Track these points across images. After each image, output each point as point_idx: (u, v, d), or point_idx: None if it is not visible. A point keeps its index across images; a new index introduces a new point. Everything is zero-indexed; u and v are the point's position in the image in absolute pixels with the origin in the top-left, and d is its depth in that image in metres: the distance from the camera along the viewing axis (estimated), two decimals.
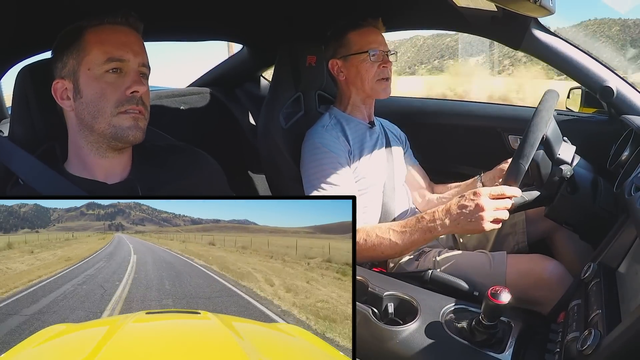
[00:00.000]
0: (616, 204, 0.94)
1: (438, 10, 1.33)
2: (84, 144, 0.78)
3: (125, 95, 0.74)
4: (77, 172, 0.78)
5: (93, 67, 0.73)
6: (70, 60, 0.75)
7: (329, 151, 1.11)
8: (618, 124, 1.21)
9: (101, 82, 0.73)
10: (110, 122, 0.74)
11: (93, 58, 0.73)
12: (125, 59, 0.74)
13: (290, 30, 1.48)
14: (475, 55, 17.88)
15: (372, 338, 0.71)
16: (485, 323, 0.67)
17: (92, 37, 0.74)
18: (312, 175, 1.11)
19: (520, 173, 0.93)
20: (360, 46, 1.17)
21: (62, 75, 0.75)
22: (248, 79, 1.85)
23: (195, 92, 1.67)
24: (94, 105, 0.74)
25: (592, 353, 0.55)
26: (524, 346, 0.70)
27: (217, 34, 1.58)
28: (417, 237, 0.95)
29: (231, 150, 1.47)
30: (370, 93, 1.21)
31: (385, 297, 0.77)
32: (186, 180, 0.86)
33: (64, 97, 0.76)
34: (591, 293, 0.70)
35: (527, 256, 1.05)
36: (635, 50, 18.77)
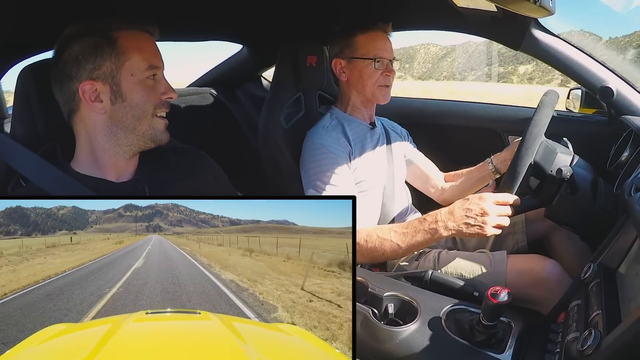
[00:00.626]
0: (616, 205, 0.94)
1: (438, 10, 1.33)
2: (108, 146, 0.79)
3: (161, 99, 0.81)
4: (85, 171, 0.79)
5: (136, 72, 0.77)
6: (106, 63, 0.75)
7: (329, 152, 1.11)
8: (618, 125, 1.21)
9: (144, 87, 0.78)
10: (151, 124, 0.80)
11: (135, 64, 0.76)
12: (159, 67, 0.80)
13: (290, 31, 1.48)
14: (525, 64, 17.75)
15: (372, 338, 0.71)
16: (485, 323, 0.67)
17: (129, 43, 0.76)
18: (311, 175, 1.11)
19: (513, 189, 0.95)
20: (367, 51, 1.17)
21: (94, 77, 0.75)
22: (248, 79, 1.85)
23: (195, 92, 1.67)
24: (139, 108, 0.78)
25: (592, 353, 0.55)
26: (524, 346, 0.70)
27: (217, 34, 1.58)
28: (419, 239, 0.95)
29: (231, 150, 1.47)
30: (370, 98, 1.21)
31: (385, 298, 0.77)
32: (190, 181, 0.88)
33: (94, 99, 0.76)
34: (591, 293, 0.70)
35: (525, 256, 1.05)
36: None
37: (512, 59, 24.70)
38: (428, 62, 39.35)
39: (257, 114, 1.71)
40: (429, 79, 33.14)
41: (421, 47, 41.73)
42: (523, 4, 0.75)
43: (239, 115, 1.74)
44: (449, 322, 0.73)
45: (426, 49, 39.67)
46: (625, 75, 1.21)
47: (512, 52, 14.01)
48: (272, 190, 1.32)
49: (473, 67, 26.44)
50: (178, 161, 0.91)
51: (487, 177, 1.29)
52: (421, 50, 41.32)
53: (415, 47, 42.81)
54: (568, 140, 1.12)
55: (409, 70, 39.62)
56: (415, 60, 42.22)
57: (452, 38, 76.15)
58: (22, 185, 0.78)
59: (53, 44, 0.78)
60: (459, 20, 1.25)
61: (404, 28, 1.56)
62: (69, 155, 0.81)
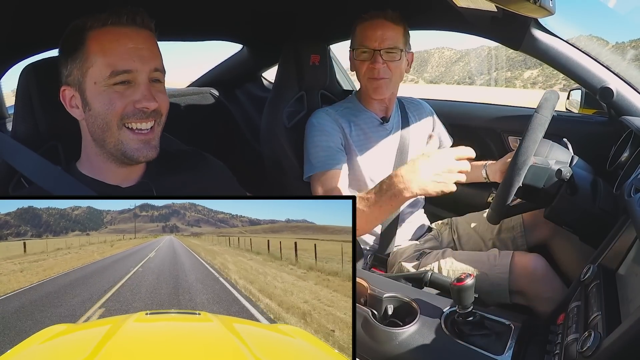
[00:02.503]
0: (616, 205, 0.94)
1: (438, 11, 1.33)
2: (99, 152, 0.75)
3: (134, 107, 0.70)
4: (90, 174, 0.77)
5: (98, 80, 0.68)
6: (74, 70, 0.70)
7: (323, 131, 1.14)
8: (618, 125, 1.21)
9: (109, 94, 0.69)
10: (119, 137, 0.70)
11: (97, 71, 0.68)
12: (132, 70, 0.68)
13: (293, 30, 1.48)
14: (532, 68, 17.73)
15: (372, 339, 0.71)
16: (460, 312, 0.69)
17: (95, 45, 0.68)
18: (306, 154, 1.14)
19: (500, 218, 0.98)
20: (358, 41, 1.16)
21: (68, 83, 0.72)
22: (248, 79, 1.85)
23: (195, 92, 1.67)
24: (102, 118, 0.70)
25: (592, 355, 0.55)
26: (523, 348, 0.70)
27: (217, 34, 1.58)
28: (384, 204, 0.89)
29: (231, 150, 1.47)
30: (365, 90, 1.20)
31: (385, 299, 0.77)
32: (198, 184, 0.85)
33: (73, 105, 0.73)
34: (591, 295, 0.70)
35: (514, 253, 1.06)
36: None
37: (521, 63, 24.61)
38: (441, 66, 39.42)
39: (257, 114, 1.71)
40: (441, 82, 33.29)
41: (436, 51, 41.88)
42: (523, 4, 0.75)
43: (239, 115, 1.74)
44: (448, 323, 0.73)
45: (440, 52, 39.72)
46: (630, 78, 1.21)
47: (522, 57, 13.96)
48: (274, 189, 1.32)
49: (482, 72, 26.28)
50: (185, 163, 0.87)
51: (480, 179, 1.30)
52: (435, 54, 41.48)
53: (430, 50, 43.07)
54: (568, 141, 1.12)
55: (421, 74, 39.54)
56: (429, 63, 42.28)
57: (467, 42, 75.82)
58: (23, 184, 0.78)
59: (53, 44, 0.78)
60: (459, 20, 1.25)
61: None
62: (69, 154, 0.81)
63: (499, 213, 0.99)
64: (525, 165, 0.91)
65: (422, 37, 38.96)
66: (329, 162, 1.11)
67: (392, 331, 0.70)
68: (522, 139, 0.91)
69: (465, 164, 0.88)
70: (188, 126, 1.55)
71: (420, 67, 37.55)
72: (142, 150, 0.72)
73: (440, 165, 0.85)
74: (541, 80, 27.31)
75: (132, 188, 0.79)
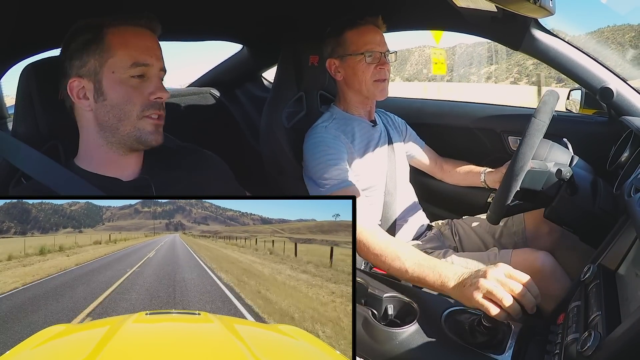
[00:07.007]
0: (616, 205, 0.94)
1: (437, 11, 1.33)
2: (102, 143, 0.77)
3: (149, 100, 0.76)
4: (88, 168, 0.78)
5: (118, 70, 0.73)
6: (91, 60, 0.74)
7: (329, 148, 1.11)
8: (618, 125, 1.21)
9: (126, 86, 0.74)
10: (136, 126, 0.76)
11: (118, 61, 0.73)
12: (149, 64, 0.75)
13: (292, 30, 1.48)
14: (495, 64, 17.80)
15: (372, 339, 0.71)
16: (486, 324, 0.67)
17: (116, 39, 0.73)
18: (314, 174, 1.11)
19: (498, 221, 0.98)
20: (357, 47, 1.16)
21: (80, 74, 0.74)
22: (248, 79, 1.85)
23: (195, 92, 1.67)
24: (120, 108, 0.75)
25: (592, 355, 0.55)
26: (523, 347, 0.70)
27: (217, 34, 1.58)
28: (428, 278, 0.79)
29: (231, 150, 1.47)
30: (367, 94, 1.21)
31: (385, 299, 0.77)
32: (196, 179, 0.87)
33: (81, 96, 0.75)
34: (591, 294, 0.70)
35: (518, 250, 1.07)
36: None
37: (489, 59, 24.19)
38: (420, 64, 39.05)
39: (257, 114, 1.71)
40: (414, 80, 33.12)
41: (416, 50, 41.46)
42: (523, 4, 0.75)
43: (239, 115, 1.74)
44: (448, 323, 0.73)
45: (421, 51, 39.29)
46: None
47: (489, 53, 13.83)
48: (273, 189, 1.32)
49: (452, 69, 26.16)
50: (184, 160, 0.89)
51: (478, 185, 1.31)
52: (416, 52, 41.10)
53: (411, 49, 42.59)
54: (568, 141, 1.12)
55: (399, 72, 39.10)
56: (408, 62, 41.95)
57: (448, 40, 74.37)
58: (23, 183, 0.78)
59: (54, 43, 0.78)
60: (459, 20, 1.25)
61: (404, 28, 1.56)
62: (70, 153, 0.81)
63: (498, 214, 0.99)
64: (522, 171, 0.92)
65: (404, 35, 37.81)
66: (345, 180, 1.07)
67: (392, 331, 0.70)
68: (519, 145, 0.92)
69: (514, 284, 0.70)
70: (188, 126, 1.54)
71: (400, 66, 37.36)
72: (154, 134, 0.78)
73: (498, 290, 0.68)
74: (495, 75, 26.90)
75: (132, 182, 0.80)
